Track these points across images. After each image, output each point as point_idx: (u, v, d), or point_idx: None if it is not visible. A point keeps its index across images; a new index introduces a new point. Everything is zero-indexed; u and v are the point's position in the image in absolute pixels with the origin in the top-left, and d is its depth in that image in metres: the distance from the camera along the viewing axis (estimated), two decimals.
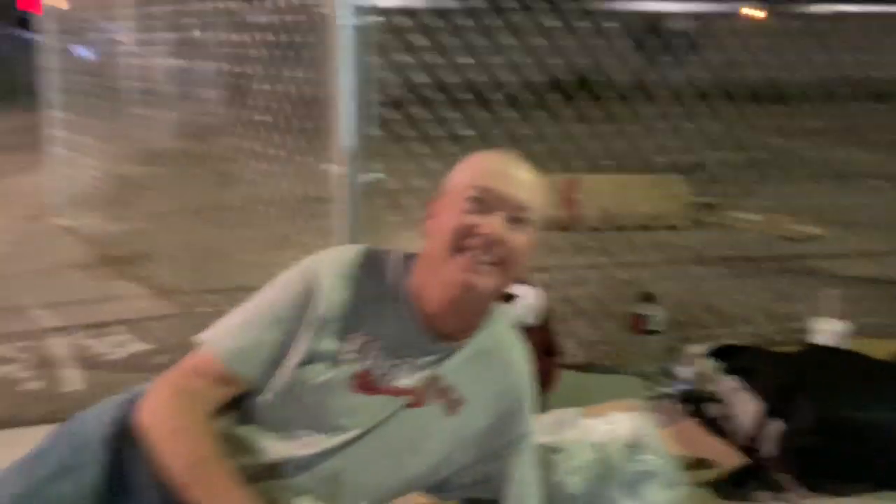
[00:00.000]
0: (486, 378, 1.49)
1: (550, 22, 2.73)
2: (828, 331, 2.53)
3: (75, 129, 5.31)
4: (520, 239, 1.39)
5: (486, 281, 1.38)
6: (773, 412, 1.97)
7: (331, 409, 1.37)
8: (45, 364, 2.79)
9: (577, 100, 3.07)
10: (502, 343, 1.54)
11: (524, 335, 1.67)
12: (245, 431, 1.36)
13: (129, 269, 4.01)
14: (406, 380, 1.42)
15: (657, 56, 3.06)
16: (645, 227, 4.42)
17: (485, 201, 1.38)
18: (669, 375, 2.53)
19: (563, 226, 4.36)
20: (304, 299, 1.41)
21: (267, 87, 3.04)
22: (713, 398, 2.29)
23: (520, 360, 1.55)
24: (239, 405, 1.40)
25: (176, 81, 6.05)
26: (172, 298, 3.47)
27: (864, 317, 2.93)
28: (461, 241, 1.37)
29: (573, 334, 2.93)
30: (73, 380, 2.70)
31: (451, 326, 1.45)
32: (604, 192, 4.63)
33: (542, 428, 1.91)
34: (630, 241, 3.89)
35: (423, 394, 1.43)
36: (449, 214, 1.40)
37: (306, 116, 2.82)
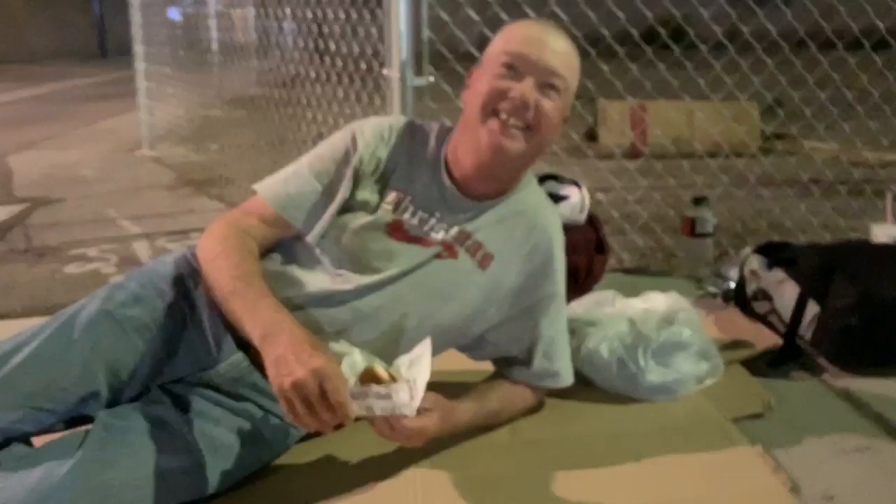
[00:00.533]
0: (516, 237, 1.57)
1: None
2: (885, 235, 2.50)
3: (164, 80, 5.67)
4: (550, 104, 1.47)
5: (516, 144, 1.46)
6: (811, 295, 1.98)
7: (367, 252, 1.48)
8: (130, 262, 3.01)
9: (668, 49, 3.07)
10: (532, 206, 1.62)
11: (572, 232, 1.74)
12: (289, 269, 1.49)
13: (207, 189, 4.24)
14: (437, 233, 1.52)
15: (743, 4, 3.01)
16: (714, 154, 4.36)
17: (516, 67, 1.45)
18: (719, 276, 2.55)
19: (631, 153, 4.37)
20: (346, 156, 1.55)
21: (338, 32, 3.21)
22: (760, 295, 2.31)
23: (549, 222, 1.62)
24: (283, 249, 1.54)
25: (258, 34, 6.32)
26: None
27: None
28: (493, 105, 1.45)
29: (630, 245, 2.97)
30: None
31: (483, 189, 1.55)
32: (672, 117, 4.60)
33: (582, 307, 1.99)
34: (697, 165, 3.86)
35: (454, 247, 1.52)
36: (483, 80, 1.48)
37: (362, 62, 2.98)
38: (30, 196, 4.16)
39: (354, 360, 1.31)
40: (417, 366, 1.32)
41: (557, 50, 1.49)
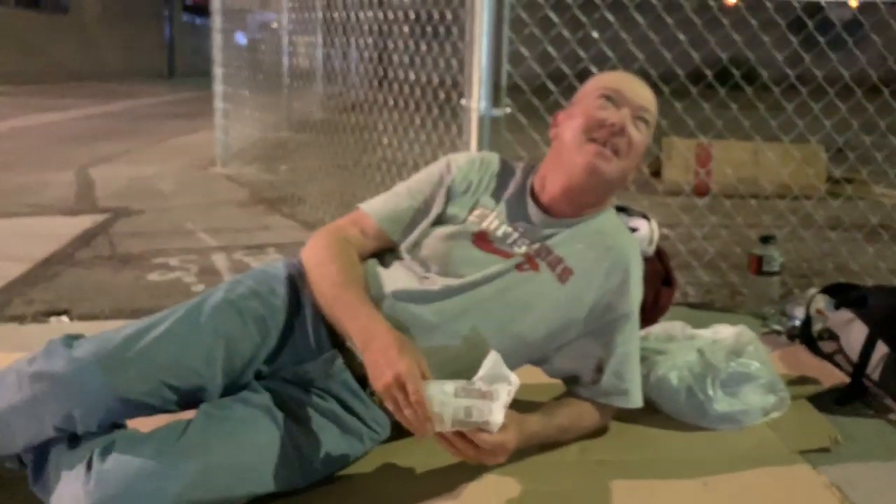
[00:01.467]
0: (595, 255, 1.65)
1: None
2: None
3: (237, 101, 5.92)
4: (639, 136, 1.63)
5: (610, 167, 1.60)
6: (880, 335, 2.00)
7: (453, 257, 1.60)
8: (209, 272, 3.15)
9: (740, 90, 3.15)
10: (612, 228, 1.71)
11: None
12: (380, 271, 1.62)
13: (279, 208, 4.40)
14: (520, 247, 1.63)
15: (819, 46, 3.06)
16: (781, 196, 4.38)
17: (613, 99, 1.62)
18: (784, 315, 2.57)
19: (697, 190, 4.40)
20: (440, 178, 1.71)
21: (407, 62, 3.36)
22: (826, 335, 2.33)
23: (627, 244, 1.70)
24: (379, 258, 1.67)
25: (325, 60, 6.56)
26: (316, 228, 3.80)
27: None
28: (591, 132, 1.60)
29: (697, 280, 3.01)
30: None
31: (567, 211, 1.66)
32: (739, 156, 4.63)
33: (651, 336, 2.05)
34: (765, 205, 3.89)
35: (535, 260, 1.61)
36: (581, 112, 1.63)
37: (440, 91, 3.12)
38: (112, 206, 4.37)
39: (444, 389, 1.36)
40: (498, 381, 1.38)
41: (646, 92, 1.67)
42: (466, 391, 1.34)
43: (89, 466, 1.31)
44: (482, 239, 1.63)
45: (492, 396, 1.34)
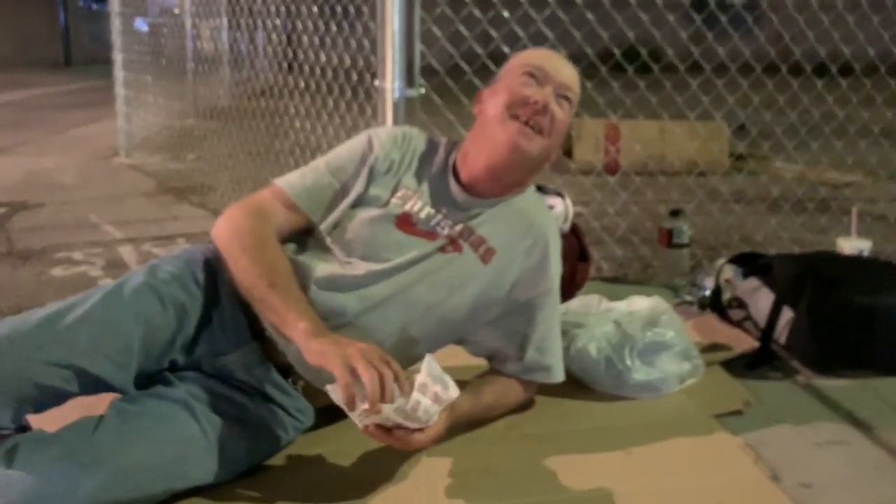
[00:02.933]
0: (516, 234, 1.66)
1: None
2: (851, 248, 2.62)
3: (140, 88, 5.71)
4: (562, 114, 1.62)
5: (532, 145, 1.59)
6: (785, 301, 2.09)
7: (377, 241, 1.57)
8: (116, 265, 3.03)
9: (650, 72, 3.21)
10: (531, 206, 1.72)
11: None
12: (300, 258, 1.57)
13: (188, 197, 4.27)
14: (443, 228, 1.61)
15: (718, 27, 3.15)
16: (688, 172, 4.52)
17: (537, 77, 1.60)
18: (695, 285, 2.66)
19: (608, 168, 4.49)
20: (362, 155, 1.66)
21: (317, 44, 3.30)
22: (734, 303, 2.42)
23: (546, 221, 1.72)
24: (295, 241, 1.62)
25: (232, 44, 6.40)
26: None
27: (891, 245, 3.18)
28: (514, 109, 1.58)
29: (610, 255, 3.07)
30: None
31: (488, 190, 1.66)
32: (647, 134, 4.75)
33: (569, 310, 2.08)
34: (673, 181, 4.00)
35: (458, 241, 1.61)
36: (504, 89, 1.61)
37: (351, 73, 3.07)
38: (7, 201, 4.14)
39: None
40: (439, 384, 1.37)
41: (570, 70, 1.67)
42: (419, 388, 1.33)
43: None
44: (405, 221, 1.60)
45: (437, 398, 1.35)
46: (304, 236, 1.63)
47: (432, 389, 1.36)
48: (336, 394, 1.32)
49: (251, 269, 1.47)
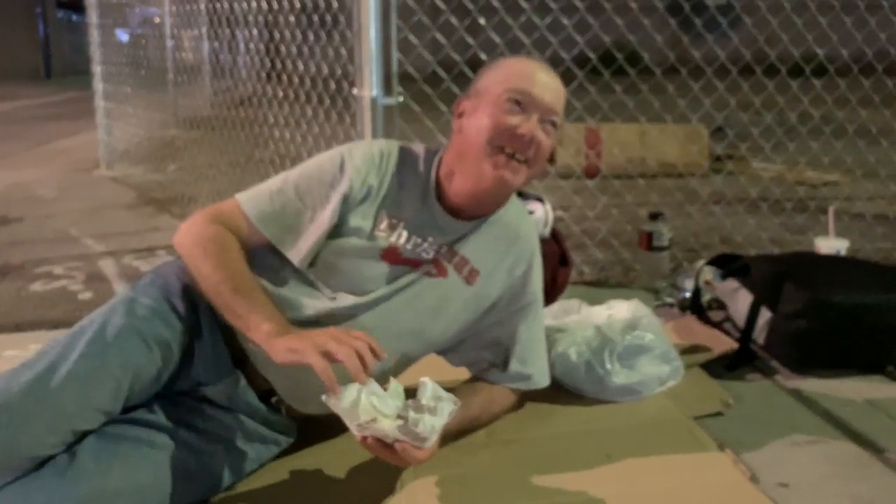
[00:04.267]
0: (499, 251, 1.65)
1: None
2: (828, 247, 2.65)
3: (120, 100, 5.68)
4: (547, 140, 1.55)
5: (517, 178, 1.54)
6: (763, 301, 2.10)
7: (362, 275, 1.54)
8: (97, 279, 3.02)
9: (627, 76, 3.23)
10: (514, 219, 1.69)
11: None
12: (283, 292, 1.52)
13: (169, 208, 4.26)
14: (427, 252, 1.58)
15: (694, 31, 3.19)
16: (667, 174, 4.56)
17: (522, 104, 1.52)
18: (675, 287, 2.68)
19: (587, 172, 4.51)
20: (332, 179, 1.57)
21: (295, 53, 3.30)
22: (714, 304, 2.44)
23: (529, 233, 1.71)
24: (274, 275, 1.55)
25: (211, 55, 6.38)
26: None
27: (869, 243, 3.22)
28: (500, 141, 1.51)
29: (591, 259, 3.09)
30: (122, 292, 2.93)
31: (472, 212, 1.61)
32: (626, 137, 4.77)
33: (549, 315, 2.09)
34: (652, 183, 4.03)
35: (442, 264, 1.59)
36: (487, 113, 1.53)
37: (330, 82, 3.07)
38: None
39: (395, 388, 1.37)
40: (442, 401, 1.36)
41: (555, 88, 1.57)
42: (413, 406, 1.33)
43: None
44: (392, 253, 1.56)
45: (436, 412, 1.34)
46: (283, 268, 1.56)
47: (431, 406, 1.35)
48: (332, 401, 1.30)
49: (214, 275, 1.42)
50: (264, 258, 1.55)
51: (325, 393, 1.29)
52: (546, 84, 1.55)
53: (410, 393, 1.37)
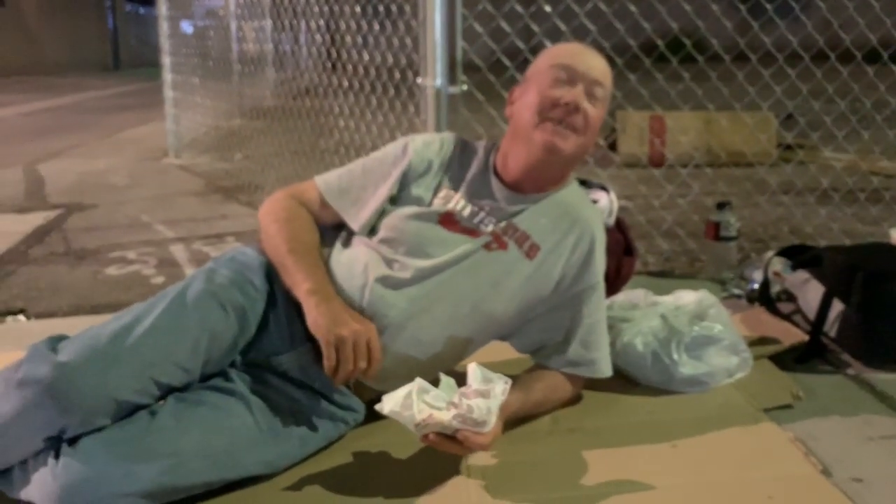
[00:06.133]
0: (561, 229, 1.66)
1: None
2: None
3: (187, 90, 5.82)
4: (594, 111, 1.61)
5: (567, 144, 1.59)
6: (836, 293, 2.05)
7: (421, 238, 1.59)
8: (168, 264, 3.11)
9: (693, 60, 3.18)
10: (576, 201, 1.72)
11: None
12: (346, 257, 1.61)
13: (236, 196, 4.35)
14: (487, 226, 1.62)
15: (765, 16, 3.10)
16: (735, 163, 4.47)
17: (567, 77, 1.59)
18: (743, 278, 2.63)
19: (653, 161, 4.46)
20: (395, 159, 1.70)
21: (360, 42, 3.33)
22: (784, 296, 2.39)
23: (591, 216, 1.72)
24: (343, 240, 1.66)
25: (276, 45, 6.48)
26: None
27: None
28: (547, 111, 1.58)
29: (656, 249, 3.05)
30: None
31: (530, 188, 1.66)
32: (693, 126, 4.69)
33: (614, 305, 2.07)
34: (720, 173, 3.95)
35: (503, 238, 1.62)
36: (534, 91, 1.61)
37: (394, 72, 3.10)
38: (63, 202, 4.27)
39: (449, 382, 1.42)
40: (491, 382, 1.41)
41: (599, 65, 1.65)
42: (464, 394, 1.38)
43: (57, 454, 1.30)
44: (449, 220, 1.62)
45: (488, 394, 1.37)
46: (347, 236, 1.68)
47: (482, 389, 1.38)
48: (387, 407, 1.39)
49: (276, 237, 1.58)
50: (335, 234, 1.69)
51: (380, 402, 1.39)
52: (589, 60, 1.64)
53: (463, 383, 1.41)
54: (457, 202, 1.64)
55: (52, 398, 1.30)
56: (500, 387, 1.40)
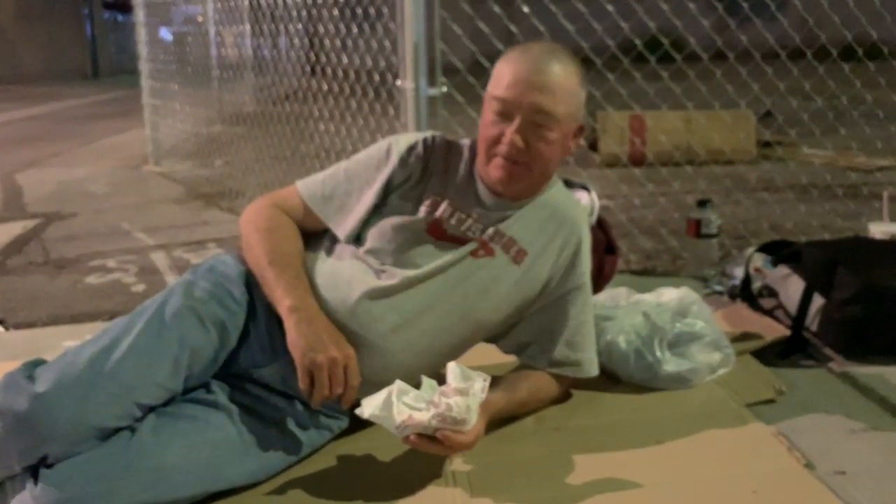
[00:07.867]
0: (547, 232, 1.65)
1: None
2: (883, 232, 2.59)
3: (167, 97, 5.78)
4: (542, 141, 1.55)
5: (521, 175, 1.58)
6: (816, 288, 2.07)
7: (409, 248, 1.57)
8: (149, 272, 3.08)
9: (673, 62, 3.19)
10: (562, 202, 1.71)
11: None
12: (336, 269, 1.58)
13: (217, 202, 4.33)
14: (474, 233, 1.61)
15: (741, 14, 3.13)
16: (715, 161, 4.49)
17: (502, 109, 1.55)
18: (724, 275, 2.64)
19: (633, 160, 4.47)
20: (378, 163, 1.66)
21: (339, 46, 3.33)
22: (765, 291, 2.40)
23: (577, 217, 1.71)
24: (326, 249, 1.64)
25: (255, 50, 6.45)
26: None
27: None
28: (492, 148, 1.57)
29: (638, 247, 3.06)
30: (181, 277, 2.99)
31: (513, 195, 1.64)
32: (672, 124, 4.72)
33: (597, 303, 2.07)
34: (699, 171, 3.97)
35: (490, 245, 1.61)
36: (482, 120, 1.60)
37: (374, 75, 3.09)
38: (42, 211, 4.23)
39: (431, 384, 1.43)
40: (470, 379, 1.41)
41: (546, 82, 1.52)
42: (443, 392, 1.37)
43: (36, 477, 1.28)
44: (436, 228, 1.60)
45: (467, 392, 1.37)
46: (331, 243, 1.65)
47: (461, 388, 1.38)
48: (366, 411, 1.38)
49: (256, 247, 1.55)
50: (320, 240, 1.67)
51: (359, 406, 1.38)
52: (531, 82, 1.52)
53: (444, 384, 1.41)
54: (444, 210, 1.61)
55: (30, 429, 1.28)
56: (479, 384, 1.40)
